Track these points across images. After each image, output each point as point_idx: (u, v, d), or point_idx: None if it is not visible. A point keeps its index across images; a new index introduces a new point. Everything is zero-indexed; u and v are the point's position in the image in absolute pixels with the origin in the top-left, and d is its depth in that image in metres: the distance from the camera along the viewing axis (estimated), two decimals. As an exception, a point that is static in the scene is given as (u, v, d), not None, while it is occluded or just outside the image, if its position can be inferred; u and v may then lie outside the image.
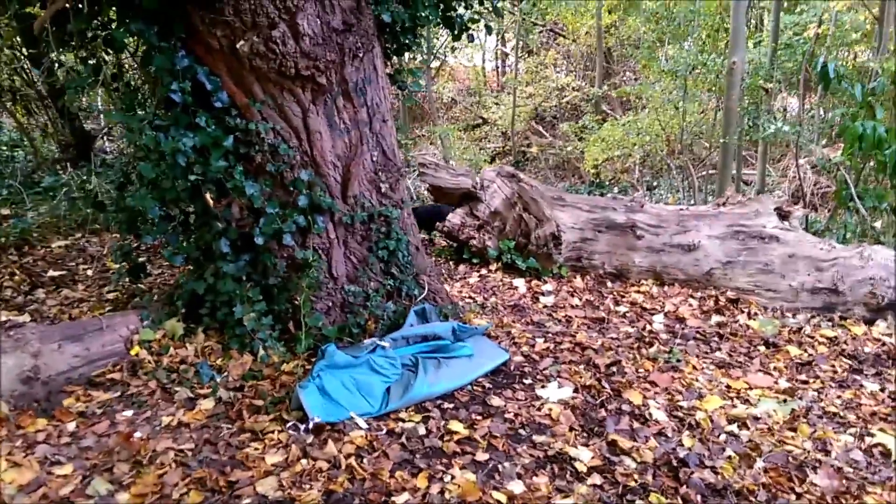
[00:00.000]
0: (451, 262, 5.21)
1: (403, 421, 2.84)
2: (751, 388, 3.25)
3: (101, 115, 8.65)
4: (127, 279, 3.80)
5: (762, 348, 3.77)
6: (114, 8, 3.32)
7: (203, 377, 3.04)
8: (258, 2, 3.00)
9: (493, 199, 5.01)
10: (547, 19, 15.43)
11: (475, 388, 3.16)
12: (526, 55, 16.54)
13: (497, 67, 19.57)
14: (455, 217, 5.13)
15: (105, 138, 9.08)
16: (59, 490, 2.31)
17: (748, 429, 2.85)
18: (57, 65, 4.13)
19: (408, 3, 3.75)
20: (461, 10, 4.46)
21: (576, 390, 3.14)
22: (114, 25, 3.37)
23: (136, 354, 3.13)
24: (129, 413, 2.77)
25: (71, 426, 2.69)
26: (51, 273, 4.68)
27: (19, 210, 6.23)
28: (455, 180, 5.26)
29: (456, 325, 3.47)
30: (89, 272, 4.77)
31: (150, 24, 3.14)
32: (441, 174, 5.31)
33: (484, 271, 4.93)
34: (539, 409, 2.98)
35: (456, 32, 4.48)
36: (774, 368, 3.51)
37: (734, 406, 3.07)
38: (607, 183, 11.12)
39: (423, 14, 3.92)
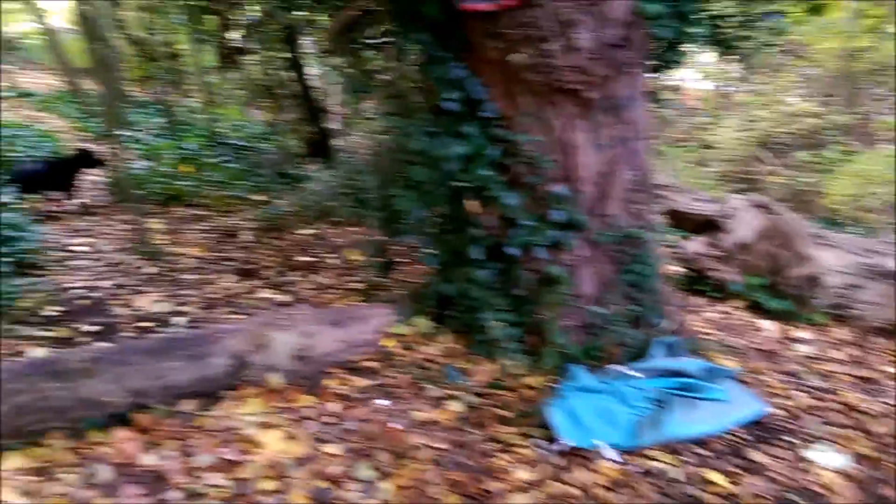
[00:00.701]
0: (683, 292, 4.88)
1: (653, 459, 2.65)
2: None
3: (339, 116, 9.42)
4: (376, 273, 4.03)
5: None
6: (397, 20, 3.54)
7: (451, 378, 3.10)
8: (536, 15, 3.01)
9: (740, 230, 4.60)
10: (784, 38, 14.09)
11: (730, 437, 2.88)
12: (756, 76, 15.26)
13: (717, 87, 18.33)
14: (693, 244, 4.80)
15: (343, 138, 9.89)
16: (327, 468, 2.45)
17: None
18: (330, 68, 4.55)
19: (684, 19, 3.56)
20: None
21: (855, 460, 2.74)
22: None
23: (388, 347, 3.29)
24: (385, 402, 2.90)
25: (333, 407, 2.87)
26: (300, 258, 5.14)
27: (272, 198, 6.95)
28: (696, 206, 4.94)
29: (708, 365, 3.21)
30: (331, 261, 5.15)
31: (431, 35, 3.29)
32: (680, 198, 5.02)
33: (722, 307, 4.54)
34: (807, 474, 2.63)
35: (723, 50, 4.22)
36: None
37: None
38: (842, 221, 9.81)
39: (696, 30, 3.71)
